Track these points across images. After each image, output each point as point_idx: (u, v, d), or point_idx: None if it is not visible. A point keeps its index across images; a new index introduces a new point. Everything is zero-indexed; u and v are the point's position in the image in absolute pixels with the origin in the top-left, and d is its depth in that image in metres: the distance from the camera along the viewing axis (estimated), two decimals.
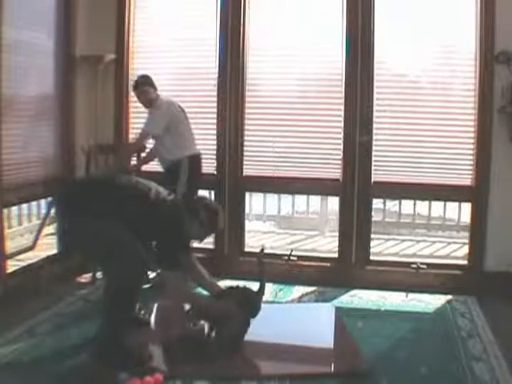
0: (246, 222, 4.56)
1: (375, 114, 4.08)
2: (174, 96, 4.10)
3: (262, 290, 3.14)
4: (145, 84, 3.95)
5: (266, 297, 3.24)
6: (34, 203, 4.91)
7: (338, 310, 3.63)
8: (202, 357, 2.88)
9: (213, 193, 4.52)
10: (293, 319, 3.45)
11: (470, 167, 4.02)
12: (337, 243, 4.30)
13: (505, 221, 3.92)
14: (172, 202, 2.96)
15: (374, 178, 4.14)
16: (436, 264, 4.33)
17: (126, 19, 4.34)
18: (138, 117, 4.43)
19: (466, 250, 4.29)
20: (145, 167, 4.17)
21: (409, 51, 4.07)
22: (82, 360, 2.79)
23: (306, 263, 4.30)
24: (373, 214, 4.37)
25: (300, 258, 4.33)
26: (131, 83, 4.12)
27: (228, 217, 4.27)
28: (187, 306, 3.12)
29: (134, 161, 4.17)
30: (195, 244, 4.22)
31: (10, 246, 4.07)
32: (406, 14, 4.01)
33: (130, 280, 2.73)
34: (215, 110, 4.28)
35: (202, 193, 4.31)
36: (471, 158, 4.01)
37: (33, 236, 4.69)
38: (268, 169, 4.33)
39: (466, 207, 4.36)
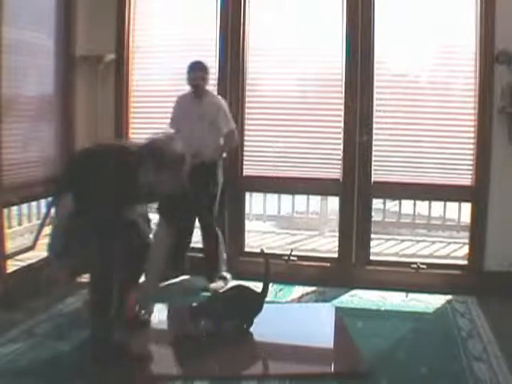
0: (246, 222, 4.56)
1: (375, 113, 4.08)
2: (174, 96, 4.09)
3: (265, 290, 3.17)
4: (207, 69, 3.91)
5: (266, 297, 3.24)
6: (33, 203, 4.91)
7: (338, 310, 3.63)
8: (202, 357, 2.89)
9: None
10: (293, 319, 3.45)
11: (470, 167, 4.02)
12: (337, 243, 4.30)
13: (505, 221, 3.92)
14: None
15: (374, 178, 4.14)
16: (436, 264, 4.34)
17: (126, 19, 4.34)
18: (137, 117, 4.43)
19: (466, 250, 4.30)
20: None
21: (409, 51, 4.07)
22: (81, 360, 2.78)
23: (306, 263, 4.30)
24: (373, 214, 4.37)
25: (300, 257, 4.33)
26: (190, 65, 3.89)
27: (228, 217, 4.27)
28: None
29: None
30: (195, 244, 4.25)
31: (10, 246, 4.07)
32: (405, 14, 4.01)
33: (104, 276, 2.72)
34: None
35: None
36: (471, 158, 4.01)
37: (33, 236, 4.69)
38: (268, 169, 4.33)
39: (466, 207, 4.36)
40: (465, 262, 4.19)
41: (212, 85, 4.22)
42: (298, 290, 4.02)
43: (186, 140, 3.71)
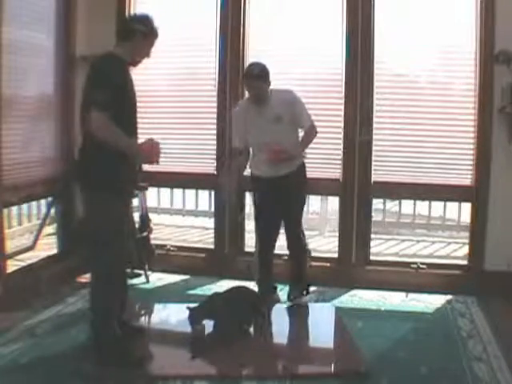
0: (246, 222, 4.55)
1: (375, 113, 4.08)
2: (174, 96, 4.08)
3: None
4: (266, 78, 3.43)
5: None
6: (34, 203, 4.92)
7: (338, 310, 3.63)
8: (202, 357, 2.89)
9: (213, 193, 4.51)
10: (293, 319, 3.45)
11: (470, 167, 4.02)
12: (337, 243, 4.30)
13: (505, 221, 3.92)
14: None
15: (374, 178, 4.14)
16: (436, 264, 4.34)
17: None
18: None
19: (466, 250, 4.30)
20: None
21: (409, 51, 4.07)
22: (82, 360, 2.79)
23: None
24: (373, 214, 4.37)
25: None
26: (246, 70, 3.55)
27: (228, 217, 4.27)
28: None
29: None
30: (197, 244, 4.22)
31: (10, 245, 4.07)
32: (405, 14, 4.01)
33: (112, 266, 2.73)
34: (215, 109, 4.27)
35: (204, 193, 4.28)
36: (471, 158, 4.01)
37: (33, 236, 4.69)
38: None
39: (466, 207, 4.36)
40: (465, 262, 4.19)
41: (212, 85, 4.24)
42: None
43: (267, 148, 3.42)
